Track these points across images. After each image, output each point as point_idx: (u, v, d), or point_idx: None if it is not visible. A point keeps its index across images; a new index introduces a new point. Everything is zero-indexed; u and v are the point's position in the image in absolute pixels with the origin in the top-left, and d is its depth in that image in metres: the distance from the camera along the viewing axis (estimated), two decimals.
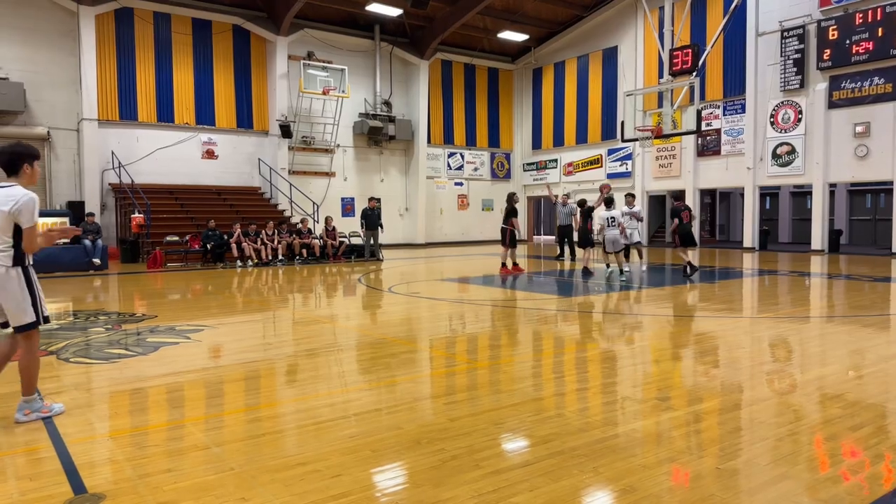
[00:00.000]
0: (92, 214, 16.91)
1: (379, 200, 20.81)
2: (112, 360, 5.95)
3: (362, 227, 19.03)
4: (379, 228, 19.05)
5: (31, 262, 4.22)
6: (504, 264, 14.12)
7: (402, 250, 23.95)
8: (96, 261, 15.32)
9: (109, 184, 19.34)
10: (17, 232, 4.11)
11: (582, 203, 14.48)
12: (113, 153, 19.23)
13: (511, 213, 14.00)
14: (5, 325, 4.21)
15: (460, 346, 6.66)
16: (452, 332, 7.51)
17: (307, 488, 3.06)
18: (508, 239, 13.92)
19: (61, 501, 2.94)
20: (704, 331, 7.34)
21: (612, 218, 12.87)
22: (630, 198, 14.49)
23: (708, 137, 22.39)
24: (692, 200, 23.12)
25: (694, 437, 3.80)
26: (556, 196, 19.27)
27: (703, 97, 21.08)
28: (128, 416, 4.41)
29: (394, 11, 22.69)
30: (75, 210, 17.17)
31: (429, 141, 26.34)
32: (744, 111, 21.39)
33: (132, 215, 17.61)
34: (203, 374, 5.55)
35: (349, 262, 18.22)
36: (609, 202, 13.29)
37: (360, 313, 9.50)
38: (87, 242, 15.44)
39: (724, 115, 22.00)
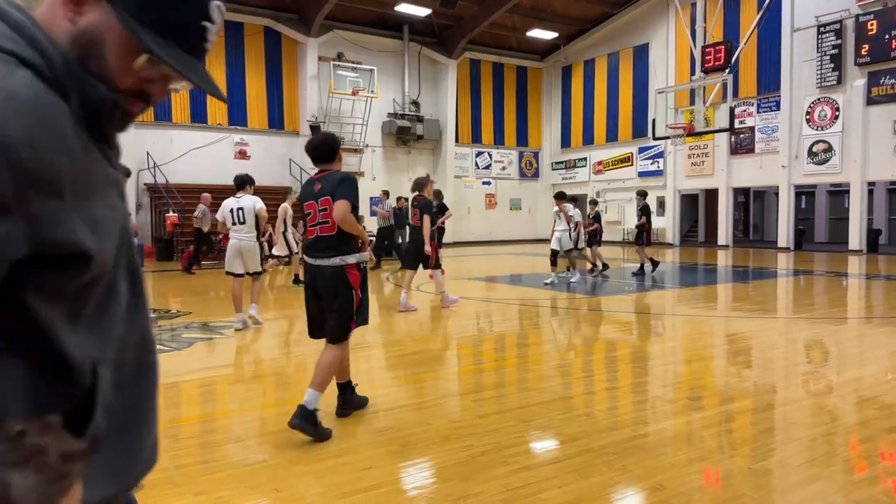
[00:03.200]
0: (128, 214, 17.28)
1: (407, 200, 20.87)
2: None
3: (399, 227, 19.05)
4: (406, 227, 19.12)
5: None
6: (444, 294, 9.13)
7: None
8: None
9: (145, 184, 19.75)
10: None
11: (594, 202, 13.92)
12: (148, 154, 19.64)
13: (441, 210, 11.20)
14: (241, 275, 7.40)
15: (487, 345, 6.68)
16: (480, 331, 7.52)
17: (338, 480, 3.11)
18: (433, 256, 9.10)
19: None
20: (736, 331, 7.23)
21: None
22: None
23: (741, 135, 22.01)
24: (725, 199, 22.78)
25: (725, 436, 3.76)
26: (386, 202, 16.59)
27: (736, 94, 20.70)
28: (163, 408, 4.52)
29: (422, 11, 22.75)
30: None
31: (456, 140, 26.36)
32: (778, 108, 20.97)
33: (167, 214, 17.97)
34: (236, 368, 5.66)
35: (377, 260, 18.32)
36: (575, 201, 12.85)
37: (388, 311, 9.56)
38: None
39: (758, 112, 21.59)
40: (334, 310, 3.84)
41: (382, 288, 12.21)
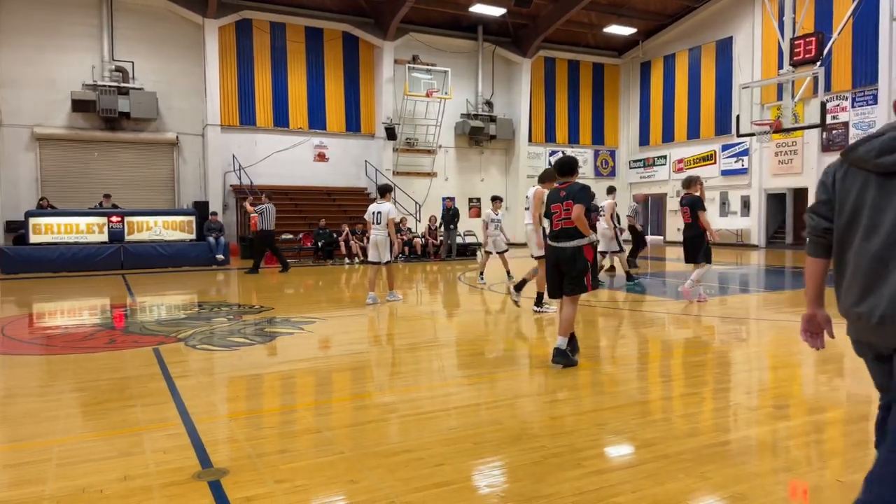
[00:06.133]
0: (215, 213, 18.14)
1: (453, 199, 21.75)
2: (233, 348, 6.38)
3: (447, 227, 19.06)
4: (452, 226, 19.03)
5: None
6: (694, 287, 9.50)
7: None
8: (219, 256, 16.43)
9: (231, 185, 20.66)
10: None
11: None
12: (234, 156, 20.53)
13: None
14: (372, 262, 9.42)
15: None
16: (552, 332, 7.44)
17: (411, 475, 3.16)
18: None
19: (190, 474, 3.21)
20: (826, 337, 6.83)
21: (499, 220, 12.13)
22: (498, 202, 12.54)
23: (834, 131, 20.77)
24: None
25: (813, 447, 3.58)
26: (252, 209, 15.50)
27: (828, 88, 19.58)
28: (246, 399, 4.73)
29: (497, 11, 22.72)
30: (200, 210, 18.46)
31: (530, 139, 26.15)
32: (875, 102, 19.65)
33: (251, 215, 18.70)
34: (315, 363, 5.85)
35: (449, 260, 18.45)
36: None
37: (460, 310, 9.62)
38: (211, 239, 16.59)
39: (853, 107, 20.32)
40: (574, 276, 5.32)
41: (457, 288, 12.28)
